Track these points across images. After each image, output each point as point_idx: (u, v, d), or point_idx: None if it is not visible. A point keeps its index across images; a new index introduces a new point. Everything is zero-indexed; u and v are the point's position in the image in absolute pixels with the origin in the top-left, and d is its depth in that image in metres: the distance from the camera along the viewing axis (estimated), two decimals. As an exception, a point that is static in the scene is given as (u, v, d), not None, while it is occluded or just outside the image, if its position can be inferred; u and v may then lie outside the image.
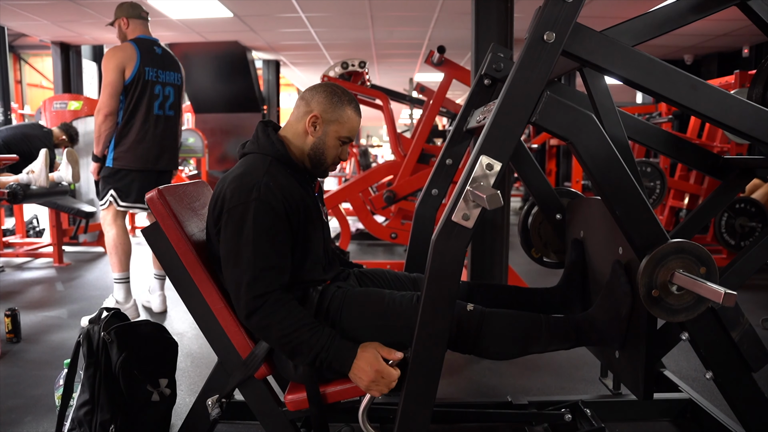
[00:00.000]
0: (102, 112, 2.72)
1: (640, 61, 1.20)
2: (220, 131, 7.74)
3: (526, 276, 3.15)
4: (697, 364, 2.30)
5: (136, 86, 2.77)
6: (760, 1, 1.45)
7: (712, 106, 1.21)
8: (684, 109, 1.23)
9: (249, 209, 1.25)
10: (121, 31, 2.86)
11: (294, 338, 1.23)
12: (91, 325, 1.45)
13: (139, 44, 2.79)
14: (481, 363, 2.37)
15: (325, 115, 1.38)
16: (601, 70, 1.22)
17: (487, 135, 1.14)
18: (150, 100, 2.82)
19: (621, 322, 1.29)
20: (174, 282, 1.42)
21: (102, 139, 2.76)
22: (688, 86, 1.21)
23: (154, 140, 2.85)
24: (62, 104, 4.53)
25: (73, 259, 4.43)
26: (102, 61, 2.79)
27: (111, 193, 2.82)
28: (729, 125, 1.23)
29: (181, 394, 2.03)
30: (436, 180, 1.90)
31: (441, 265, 1.15)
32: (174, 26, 6.05)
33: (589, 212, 1.61)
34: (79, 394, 1.43)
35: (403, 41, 6.95)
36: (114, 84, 2.71)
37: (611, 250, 1.39)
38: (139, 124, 2.80)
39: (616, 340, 1.32)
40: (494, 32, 2.33)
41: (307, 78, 10.50)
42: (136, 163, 2.81)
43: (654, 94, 1.22)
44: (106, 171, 2.83)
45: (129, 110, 2.78)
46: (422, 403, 1.20)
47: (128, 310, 2.80)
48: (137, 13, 2.86)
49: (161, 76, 2.85)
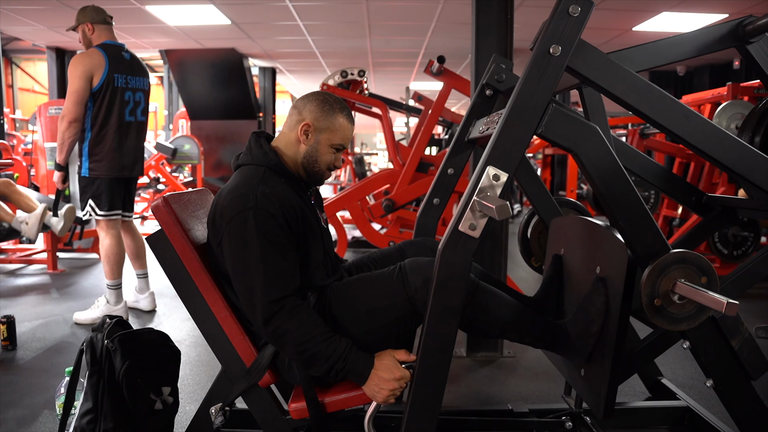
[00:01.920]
0: (66, 119, 2.66)
1: (639, 86, 1.20)
2: (216, 138, 7.74)
3: (525, 286, 3.17)
4: (694, 373, 2.32)
5: (105, 93, 2.72)
6: (757, 46, 1.48)
7: (702, 137, 1.22)
8: (674, 136, 1.24)
9: (248, 218, 1.26)
10: (86, 37, 2.79)
11: (310, 347, 1.23)
12: (95, 333, 1.45)
13: (107, 50, 2.74)
14: (479, 371, 2.38)
15: (316, 123, 1.38)
16: (600, 89, 1.23)
17: (494, 146, 1.16)
18: (121, 106, 2.78)
19: (590, 337, 1.29)
20: (178, 290, 1.42)
21: (65, 146, 2.71)
22: (681, 116, 1.21)
23: (129, 147, 2.83)
24: (58, 110, 4.49)
25: (68, 266, 4.40)
26: (69, 66, 2.73)
27: (90, 204, 2.81)
28: (714, 158, 1.24)
29: (180, 403, 2.02)
30: (437, 189, 1.92)
31: (447, 275, 1.16)
32: (171, 33, 6.06)
33: (571, 231, 1.62)
34: (82, 403, 1.42)
35: (400, 50, 7.00)
36: (80, 92, 2.66)
37: (590, 268, 1.39)
38: (113, 131, 2.76)
39: (582, 354, 1.32)
40: (494, 43, 2.36)
41: (303, 85, 10.54)
42: (113, 171, 2.79)
43: (648, 119, 1.23)
44: (84, 181, 2.81)
45: (100, 118, 2.74)
46: (428, 411, 1.21)
47: (118, 311, 2.90)
48: (102, 18, 2.80)
49: (131, 81, 2.81)
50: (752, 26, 1.44)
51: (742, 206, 1.66)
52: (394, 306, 1.30)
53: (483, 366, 2.44)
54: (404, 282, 1.30)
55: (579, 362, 1.38)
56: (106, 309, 2.91)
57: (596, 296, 1.27)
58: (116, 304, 2.92)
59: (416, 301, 1.28)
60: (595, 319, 1.27)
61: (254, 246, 1.25)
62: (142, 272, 3.15)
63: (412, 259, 1.35)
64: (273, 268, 1.25)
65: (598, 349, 1.29)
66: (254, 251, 1.25)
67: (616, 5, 4.73)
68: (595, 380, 1.30)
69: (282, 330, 1.23)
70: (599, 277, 1.29)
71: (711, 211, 1.74)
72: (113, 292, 2.90)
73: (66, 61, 6.77)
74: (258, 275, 1.24)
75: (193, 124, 7.80)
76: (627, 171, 1.21)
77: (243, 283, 1.27)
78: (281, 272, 1.26)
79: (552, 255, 1.61)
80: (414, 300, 1.28)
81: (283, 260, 1.27)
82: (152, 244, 1.40)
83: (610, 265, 1.25)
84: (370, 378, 1.24)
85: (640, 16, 5.12)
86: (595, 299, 1.27)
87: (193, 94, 7.66)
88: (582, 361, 1.35)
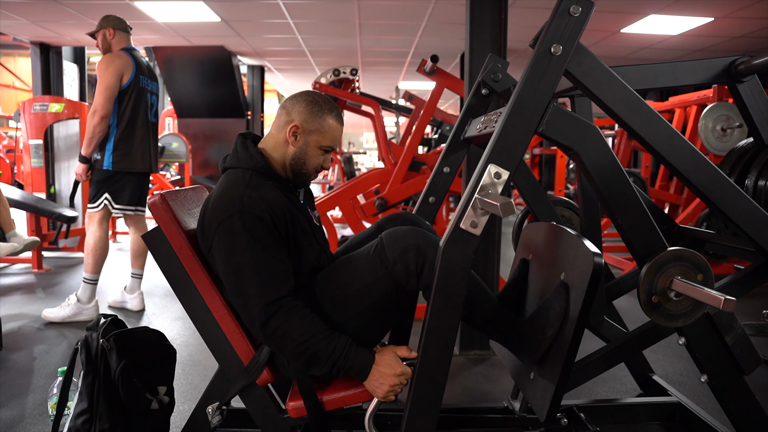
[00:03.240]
0: (99, 114, 2.79)
1: (629, 99, 1.22)
2: (204, 136, 7.68)
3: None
4: (683, 369, 2.36)
5: (132, 93, 2.89)
6: (746, 86, 1.52)
7: (681, 160, 1.24)
8: (655, 154, 1.26)
9: (235, 222, 1.24)
10: (106, 41, 2.96)
11: (310, 346, 1.22)
12: (89, 332, 1.42)
13: (132, 54, 2.93)
14: (472, 369, 2.39)
15: (305, 125, 1.36)
16: (591, 96, 1.24)
17: (495, 144, 1.17)
18: (144, 107, 2.98)
19: (544, 341, 1.27)
20: (175, 288, 1.40)
21: (94, 140, 2.83)
22: (665, 135, 1.24)
23: (150, 145, 3.02)
24: (43, 106, 4.43)
25: (53, 265, 4.33)
26: (99, 65, 2.87)
27: (106, 196, 2.90)
28: (691, 181, 1.26)
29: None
30: (433, 188, 1.92)
31: (449, 272, 1.17)
32: (160, 30, 6.00)
33: (541, 236, 1.62)
34: (77, 403, 1.40)
35: (390, 49, 7.00)
36: (112, 88, 2.81)
37: (555, 272, 1.37)
38: (139, 129, 2.94)
39: (533, 356, 1.30)
40: (488, 42, 2.37)
41: (291, 84, 10.50)
42: (137, 166, 2.94)
43: (633, 133, 1.24)
44: (102, 174, 2.90)
45: (127, 116, 2.89)
46: (429, 408, 1.21)
47: (89, 310, 2.90)
48: (123, 26, 2.98)
49: (149, 85, 3.03)
50: (744, 66, 1.48)
51: (711, 240, 1.67)
52: (376, 282, 1.27)
53: (476, 364, 2.45)
54: (381, 255, 1.27)
55: (529, 364, 1.36)
56: (77, 308, 2.89)
57: (557, 300, 1.25)
58: (88, 301, 2.91)
59: (396, 272, 1.25)
60: (551, 324, 1.25)
61: (245, 250, 1.23)
62: (138, 272, 3.13)
63: (388, 231, 1.32)
64: (266, 270, 1.23)
65: (550, 353, 1.27)
66: (245, 255, 1.23)
67: (604, 7, 4.78)
68: (542, 384, 1.28)
69: (281, 332, 1.22)
70: (563, 283, 1.27)
71: (680, 240, 1.76)
72: (88, 287, 2.90)
73: (51, 57, 6.66)
74: (251, 278, 1.22)
75: (180, 123, 7.72)
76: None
77: (236, 288, 1.25)
78: (275, 274, 1.24)
79: (519, 259, 1.60)
80: (394, 271, 1.25)
81: (275, 262, 1.25)
82: (149, 241, 1.39)
83: (576, 272, 1.24)
84: (371, 374, 1.24)
85: (629, 18, 5.18)
86: (555, 304, 1.25)
87: (181, 92, 7.58)
88: (532, 362, 1.33)
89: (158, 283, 3.76)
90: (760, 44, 5.73)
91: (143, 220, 3.10)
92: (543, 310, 1.29)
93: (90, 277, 2.90)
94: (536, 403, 1.30)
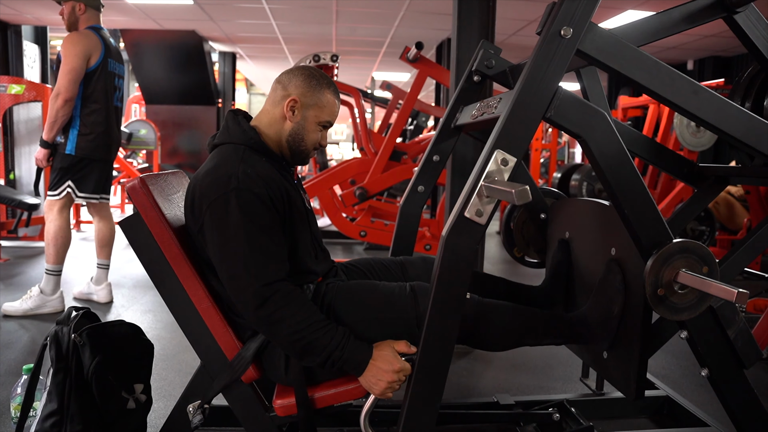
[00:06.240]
0: (62, 97, 2.62)
1: (648, 64, 1.20)
2: (173, 124, 7.43)
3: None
4: (665, 362, 2.38)
5: (99, 76, 2.73)
6: (743, 16, 1.49)
7: (711, 112, 1.24)
8: (684, 113, 1.26)
9: (230, 200, 1.17)
10: (74, 15, 2.75)
11: (306, 335, 1.15)
12: (60, 327, 1.31)
13: (101, 34, 2.77)
14: (456, 363, 2.35)
15: (303, 99, 1.31)
16: (609, 70, 1.22)
17: (502, 129, 1.11)
18: (110, 91, 2.81)
19: (612, 320, 1.29)
20: (154, 278, 1.31)
21: (57, 124, 2.66)
22: (691, 91, 1.23)
23: (114, 131, 2.86)
24: (1, 87, 4.18)
25: (12, 255, 4.11)
26: (64, 43, 2.69)
27: (69, 184, 2.73)
28: (724, 130, 1.26)
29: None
30: (422, 177, 1.86)
31: (452, 262, 1.11)
32: (129, 11, 5.75)
33: (575, 213, 1.61)
34: (45, 404, 1.29)
35: (365, 38, 6.91)
36: (77, 70, 2.64)
37: (603, 250, 1.39)
38: (104, 113, 2.77)
39: (606, 338, 1.32)
40: (476, 30, 2.32)
41: (262, 73, 10.29)
42: (101, 153, 2.78)
43: (657, 96, 1.23)
44: (66, 161, 2.72)
45: (91, 99, 2.73)
46: (428, 405, 1.16)
47: (53, 302, 2.77)
48: (96, 4, 2.79)
49: (117, 68, 2.88)
50: None
51: (736, 174, 1.67)
52: (400, 319, 1.26)
53: (459, 358, 2.41)
54: (416, 302, 1.26)
55: (604, 347, 1.37)
56: (40, 300, 2.74)
57: (612, 276, 1.26)
58: (52, 293, 2.76)
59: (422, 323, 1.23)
60: (614, 299, 1.26)
61: (239, 229, 1.17)
62: (105, 263, 2.98)
63: (421, 284, 1.31)
64: (262, 251, 1.17)
65: (621, 330, 1.29)
66: (240, 235, 1.16)
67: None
68: (622, 361, 1.30)
69: (276, 317, 1.15)
70: (613, 259, 1.28)
71: (705, 181, 1.73)
72: (52, 278, 2.76)
73: (9, 36, 6.32)
74: (246, 259, 1.16)
75: (148, 109, 7.45)
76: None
77: (229, 270, 1.18)
78: (272, 255, 1.19)
79: (557, 240, 1.59)
80: (421, 321, 1.23)
81: (272, 243, 1.19)
82: (126, 228, 1.29)
83: (629, 245, 1.23)
84: (368, 369, 1.18)
85: (606, 13, 5.22)
86: (612, 279, 1.26)
87: (150, 78, 7.31)
88: (607, 346, 1.34)
89: (126, 274, 3.60)
90: (737, 41, 5.85)
91: (108, 208, 2.97)
92: (601, 290, 1.31)
93: (52, 268, 2.76)
94: (619, 383, 1.34)
